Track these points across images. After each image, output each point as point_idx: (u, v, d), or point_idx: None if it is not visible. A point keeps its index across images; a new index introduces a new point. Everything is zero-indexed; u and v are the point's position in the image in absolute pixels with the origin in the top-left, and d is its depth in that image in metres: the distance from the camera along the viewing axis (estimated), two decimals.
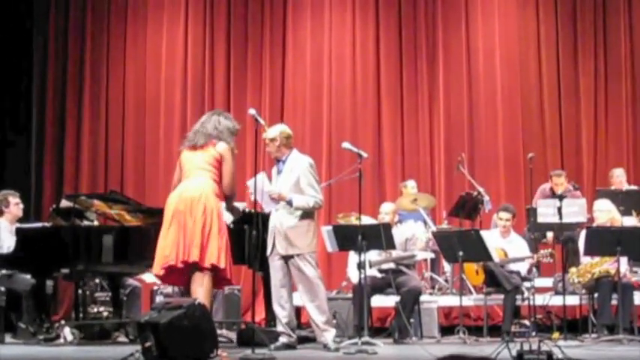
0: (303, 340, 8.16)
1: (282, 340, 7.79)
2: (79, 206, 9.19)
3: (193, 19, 13.19)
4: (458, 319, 9.43)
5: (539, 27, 12.75)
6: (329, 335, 7.81)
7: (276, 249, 7.84)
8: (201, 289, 7.22)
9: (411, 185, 11.40)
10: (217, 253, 7.28)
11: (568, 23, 12.72)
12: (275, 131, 7.99)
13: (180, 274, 7.42)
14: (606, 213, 9.38)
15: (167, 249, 7.31)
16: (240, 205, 8.40)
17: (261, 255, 8.35)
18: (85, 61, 13.15)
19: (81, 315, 9.37)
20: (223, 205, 7.66)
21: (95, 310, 9.92)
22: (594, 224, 9.45)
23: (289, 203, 7.81)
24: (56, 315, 10.71)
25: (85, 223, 9.30)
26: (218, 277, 7.41)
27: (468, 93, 12.70)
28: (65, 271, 8.97)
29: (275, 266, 7.90)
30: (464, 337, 8.83)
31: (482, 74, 12.72)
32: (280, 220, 7.84)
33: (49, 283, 9.13)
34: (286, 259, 7.84)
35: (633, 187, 10.87)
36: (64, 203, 9.34)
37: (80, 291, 9.43)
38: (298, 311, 9.22)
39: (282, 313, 7.88)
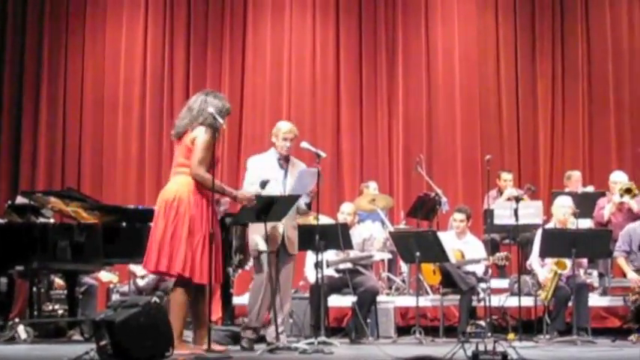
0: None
1: (251, 335, 7.71)
2: (35, 203, 9.12)
3: (153, 16, 13.14)
4: (414, 319, 9.46)
5: (497, 30, 12.86)
6: (284, 336, 7.80)
7: (286, 248, 7.70)
8: (172, 301, 6.86)
9: (372, 186, 11.40)
10: (184, 261, 6.72)
11: (526, 26, 12.84)
12: (295, 129, 7.92)
13: None
14: (567, 209, 9.43)
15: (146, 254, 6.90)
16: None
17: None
18: (43, 58, 13.06)
19: (35, 313, 9.29)
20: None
21: (50, 307, 9.85)
22: (552, 221, 9.53)
23: (309, 205, 7.85)
24: (10, 313, 10.60)
25: (41, 220, 9.22)
26: (192, 287, 6.85)
27: (427, 95, 12.78)
28: (20, 268, 8.87)
29: (274, 264, 7.62)
30: (420, 338, 8.87)
31: (442, 76, 12.80)
32: (288, 220, 7.68)
33: (3, 280, 9.05)
34: (283, 257, 7.72)
35: (589, 189, 10.98)
36: (20, 200, 9.25)
37: (35, 289, 9.34)
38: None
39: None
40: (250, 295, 7.91)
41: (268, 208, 7.23)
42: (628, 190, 10.07)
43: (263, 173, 7.67)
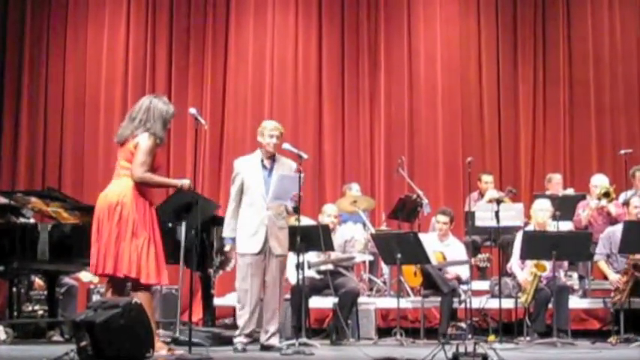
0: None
1: (244, 340, 7.77)
2: (16, 203, 9.07)
3: (135, 16, 13.10)
4: (395, 321, 9.48)
5: (480, 33, 12.89)
6: (277, 339, 7.82)
7: (271, 249, 7.77)
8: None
9: (355, 188, 11.39)
10: (129, 262, 6.76)
11: (508, 31, 12.88)
12: (280, 126, 7.98)
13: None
14: (546, 212, 9.47)
15: (92, 258, 6.95)
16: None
17: (200, 255, 8.30)
18: (24, 58, 13.01)
19: (15, 313, 9.25)
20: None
21: (30, 308, 9.81)
22: (532, 224, 9.57)
23: (295, 209, 7.90)
24: None
25: (21, 220, 9.18)
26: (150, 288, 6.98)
27: (409, 97, 12.79)
28: (0, 268, 8.83)
29: (259, 266, 7.79)
30: (401, 339, 8.88)
31: (423, 78, 12.82)
32: (272, 220, 7.76)
33: None
34: (269, 259, 7.79)
35: (569, 192, 11.01)
36: (0, 200, 9.21)
37: (15, 289, 9.30)
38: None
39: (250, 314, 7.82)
40: (237, 301, 7.94)
41: (188, 207, 7.23)
42: (606, 194, 10.12)
43: (245, 174, 7.82)
